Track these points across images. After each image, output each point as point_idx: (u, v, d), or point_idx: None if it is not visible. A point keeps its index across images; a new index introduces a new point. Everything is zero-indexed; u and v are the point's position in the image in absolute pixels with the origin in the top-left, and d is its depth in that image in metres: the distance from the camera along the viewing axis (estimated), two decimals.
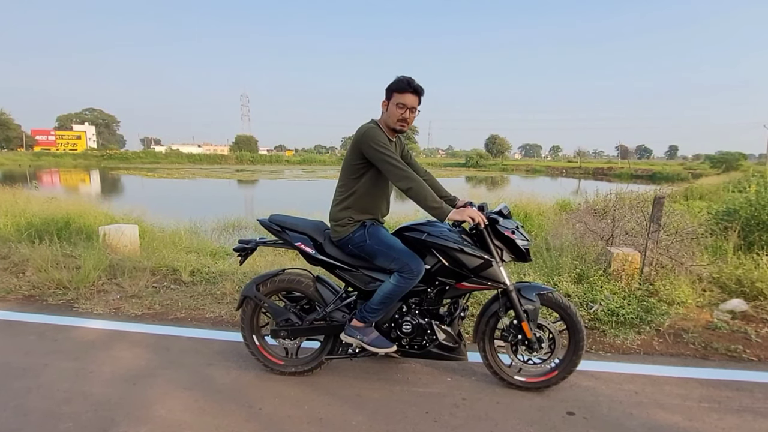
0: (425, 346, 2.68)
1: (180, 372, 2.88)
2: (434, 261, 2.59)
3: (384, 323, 2.69)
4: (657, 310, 3.93)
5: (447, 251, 2.57)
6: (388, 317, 2.69)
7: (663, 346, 3.47)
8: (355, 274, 2.71)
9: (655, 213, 4.72)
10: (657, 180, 38.72)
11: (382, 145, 2.47)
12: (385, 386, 2.75)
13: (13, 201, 11.46)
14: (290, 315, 2.81)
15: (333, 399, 2.60)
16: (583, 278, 4.58)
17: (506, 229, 2.57)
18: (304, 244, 2.74)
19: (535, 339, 2.65)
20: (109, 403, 2.49)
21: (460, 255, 2.55)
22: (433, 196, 2.42)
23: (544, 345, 2.66)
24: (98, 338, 3.38)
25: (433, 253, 2.60)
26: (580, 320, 2.59)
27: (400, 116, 2.53)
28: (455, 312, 2.75)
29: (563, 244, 5.45)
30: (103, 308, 4.01)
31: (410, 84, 2.49)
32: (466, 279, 2.58)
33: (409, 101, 2.51)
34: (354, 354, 2.74)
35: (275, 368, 2.86)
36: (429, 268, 2.59)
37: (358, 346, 2.66)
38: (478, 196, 13.31)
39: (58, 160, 62.67)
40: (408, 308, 2.71)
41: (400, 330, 2.67)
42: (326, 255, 2.73)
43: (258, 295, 2.82)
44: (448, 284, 2.62)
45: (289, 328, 2.80)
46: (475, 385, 2.79)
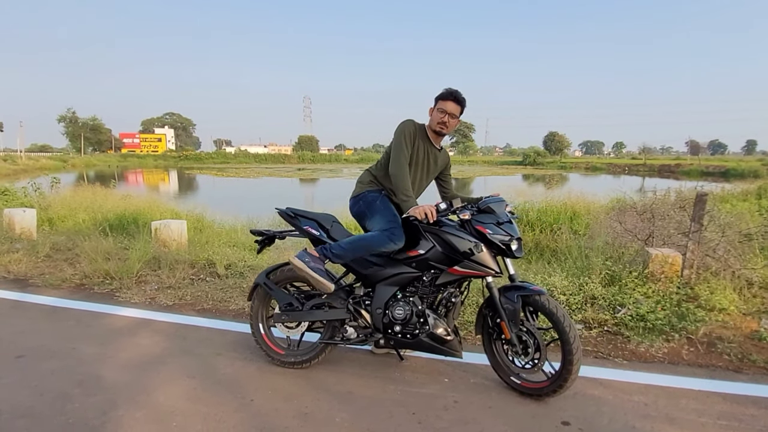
0: (417, 335, 2.60)
1: (189, 360, 2.97)
2: (429, 246, 2.57)
3: (377, 308, 2.65)
4: (692, 317, 3.59)
5: (439, 234, 2.54)
6: (381, 303, 2.64)
7: (692, 355, 3.16)
8: (356, 258, 2.71)
9: (696, 211, 4.32)
10: (730, 177, 35.50)
11: (403, 136, 2.73)
12: (379, 384, 2.69)
13: (93, 199, 12.45)
14: (292, 299, 2.85)
15: (324, 395, 2.57)
16: (616, 280, 4.27)
17: (480, 224, 2.49)
18: (311, 228, 2.83)
19: (517, 341, 2.50)
20: (115, 387, 2.61)
21: (452, 238, 2.51)
22: (407, 189, 2.64)
23: (529, 350, 2.49)
24: (126, 325, 3.57)
25: (427, 237, 2.58)
26: (570, 329, 2.37)
27: (440, 119, 2.73)
28: (451, 303, 2.65)
29: (596, 243, 5.11)
30: (140, 298, 4.23)
31: (452, 94, 2.71)
32: (458, 263, 2.51)
33: (450, 108, 2.71)
34: (347, 340, 2.75)
35: (276, 357, 2.89)
36: (423, 253, 2.57)
37: (300, 273, 2.64)
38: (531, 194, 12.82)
39: (141, 161, 67.41)
40: (403, 295, 2.66)
41: (392, 315, 2.61)
42: (331, 239, 2.78)
43: (268, 282, 2.89)
44: (441, 269, 2.56)
45: (290, 312, 2.83)
46: (471, 388, 2.66)
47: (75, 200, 11.91)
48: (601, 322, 3.63)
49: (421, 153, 2.81)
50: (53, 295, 4.29)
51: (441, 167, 3.00)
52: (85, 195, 12.99)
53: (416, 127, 2.81)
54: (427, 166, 2.86)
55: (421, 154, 2.81)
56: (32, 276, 4.88)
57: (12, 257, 5.40)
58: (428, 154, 2.84)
